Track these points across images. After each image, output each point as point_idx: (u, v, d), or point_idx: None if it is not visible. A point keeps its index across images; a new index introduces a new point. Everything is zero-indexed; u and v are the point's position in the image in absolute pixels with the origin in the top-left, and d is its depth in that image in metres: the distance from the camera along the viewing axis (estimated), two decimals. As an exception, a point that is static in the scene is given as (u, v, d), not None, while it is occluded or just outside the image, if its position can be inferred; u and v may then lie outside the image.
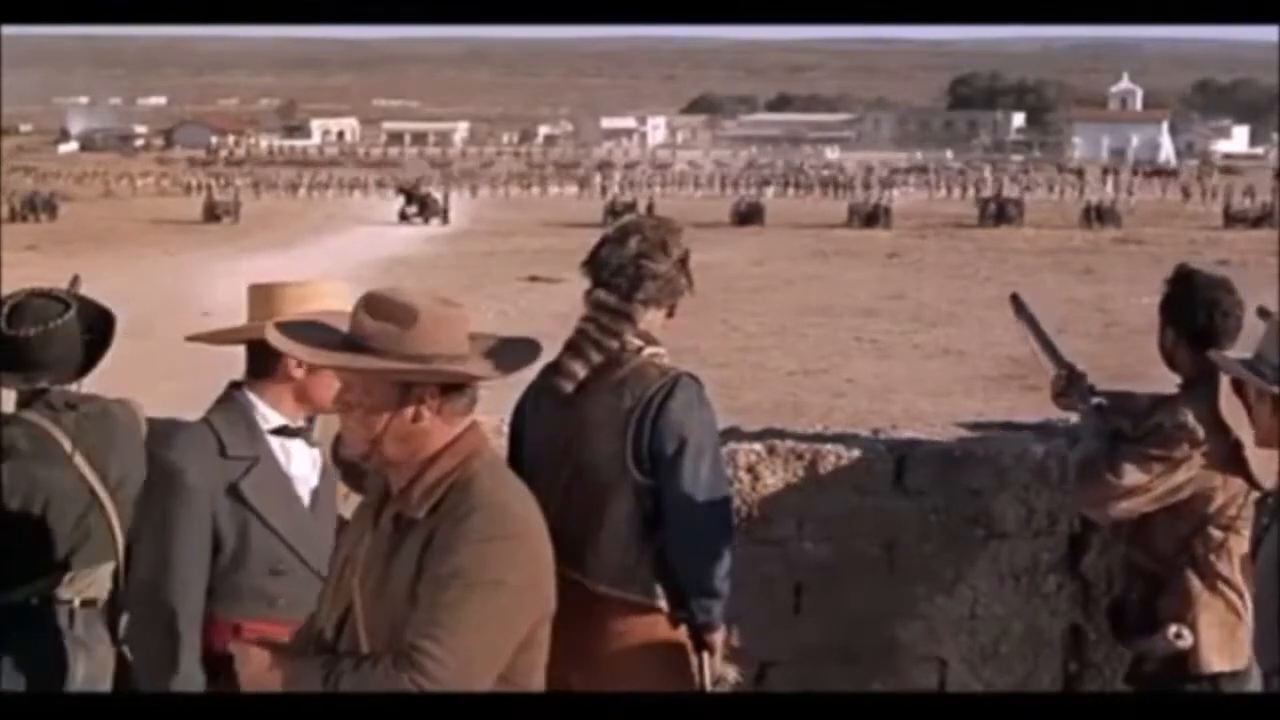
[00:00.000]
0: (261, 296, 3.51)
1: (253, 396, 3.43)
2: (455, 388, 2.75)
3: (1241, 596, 3.80)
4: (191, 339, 3.71)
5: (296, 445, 3.45)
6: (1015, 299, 4.32)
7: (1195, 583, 3.82)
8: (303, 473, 3.46)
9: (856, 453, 4.49)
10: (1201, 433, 3.75)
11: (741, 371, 20.80)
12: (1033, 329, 4.25)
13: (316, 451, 3.48)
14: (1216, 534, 3.81)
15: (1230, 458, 3.75)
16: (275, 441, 3.42)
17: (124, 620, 3.61)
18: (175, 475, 3.33)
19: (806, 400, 18.82)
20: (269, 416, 3.41)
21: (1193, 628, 3.80)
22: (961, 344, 22.19)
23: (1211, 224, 52.05)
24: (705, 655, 3.74)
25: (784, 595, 4.52)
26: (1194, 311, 3.88)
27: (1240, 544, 3.81)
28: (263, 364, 3.42)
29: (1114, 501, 3.78)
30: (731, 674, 3.90)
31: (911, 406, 17.02)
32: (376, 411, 2.73)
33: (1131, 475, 3.76)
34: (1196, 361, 3.86)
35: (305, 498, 3.46)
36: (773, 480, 4.46)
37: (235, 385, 3.48)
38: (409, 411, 2.73)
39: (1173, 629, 3.79)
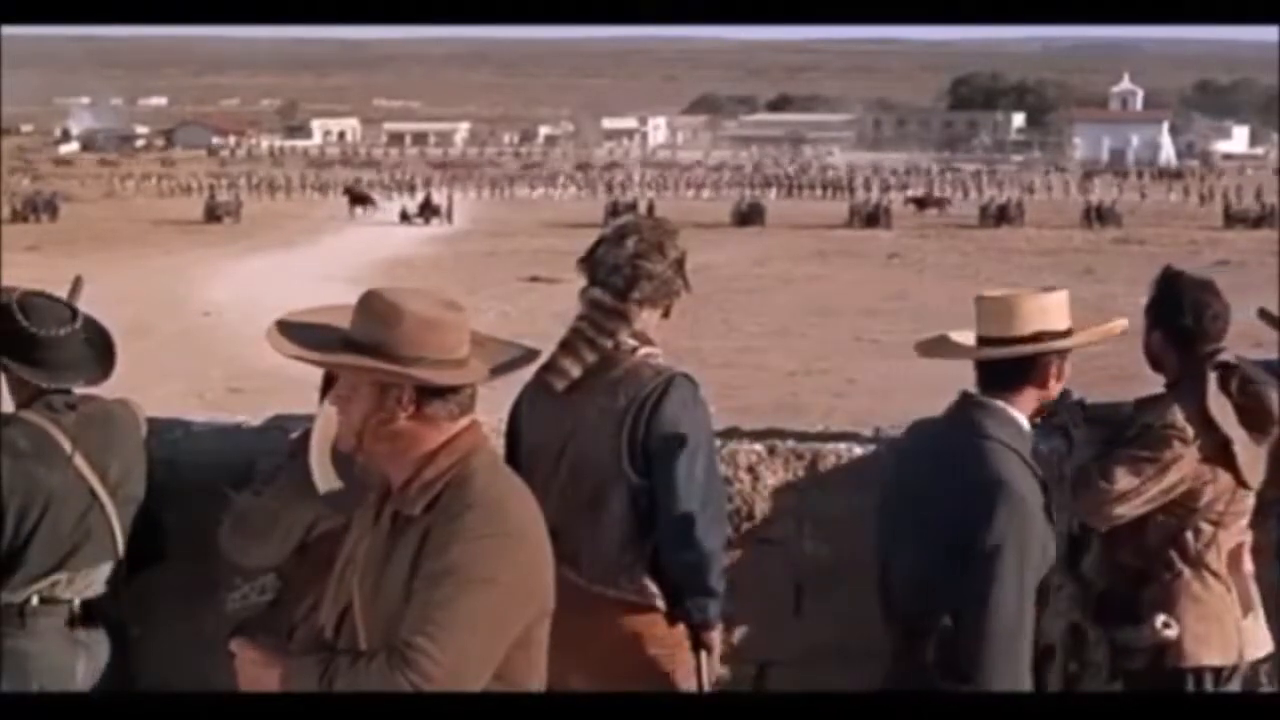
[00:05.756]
0: (998, 308, 3.46)
1: (1013, 411, 3.43)
2: (435, 392, 2.73)
3: (1230, 591, 3.82)
4: (923, 353, 3.70)
5: None
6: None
7: (1185, 574, 3.83)
8: None
9: (857, 452, 4.48)
10: (1191, 432, 3.77)
11: (741, 371, 20.84)
12: None
13: None
14: (1206, 528, 3.83)
15: (1219, 456, 3.77)
16: None
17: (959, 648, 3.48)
18: (1021, 501, 3.31)
19: (807, 400, 18.85)
20: (1026, 430, 3.43)
21: (1180, 620, 3.81)
22: (962, 344, 22.11)
23: (1212, 224, 52.11)
24: (703, 654, 3.74)
25: (784, 595, 4.52)
26: (1181, 313, 3.91)
27: (1228, 539, 3.83)
28: (1005, 375, 3.42)
29: (1109, 506, 3.79)
30: (723, 671, 3.90)
31: (912, 406, 17.02)
32: (359, 409, 2.75)
33: (1123, 480, 3.78)
34: (1183, 363, 3.91)
35: None
36: (773, 480, 4.46)
37: (969, 395, 3.48)
38: (384, 413, 2.73)
39: (1159, 619, 3.80)
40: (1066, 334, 3.44)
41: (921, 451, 3.55)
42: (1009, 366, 3.42)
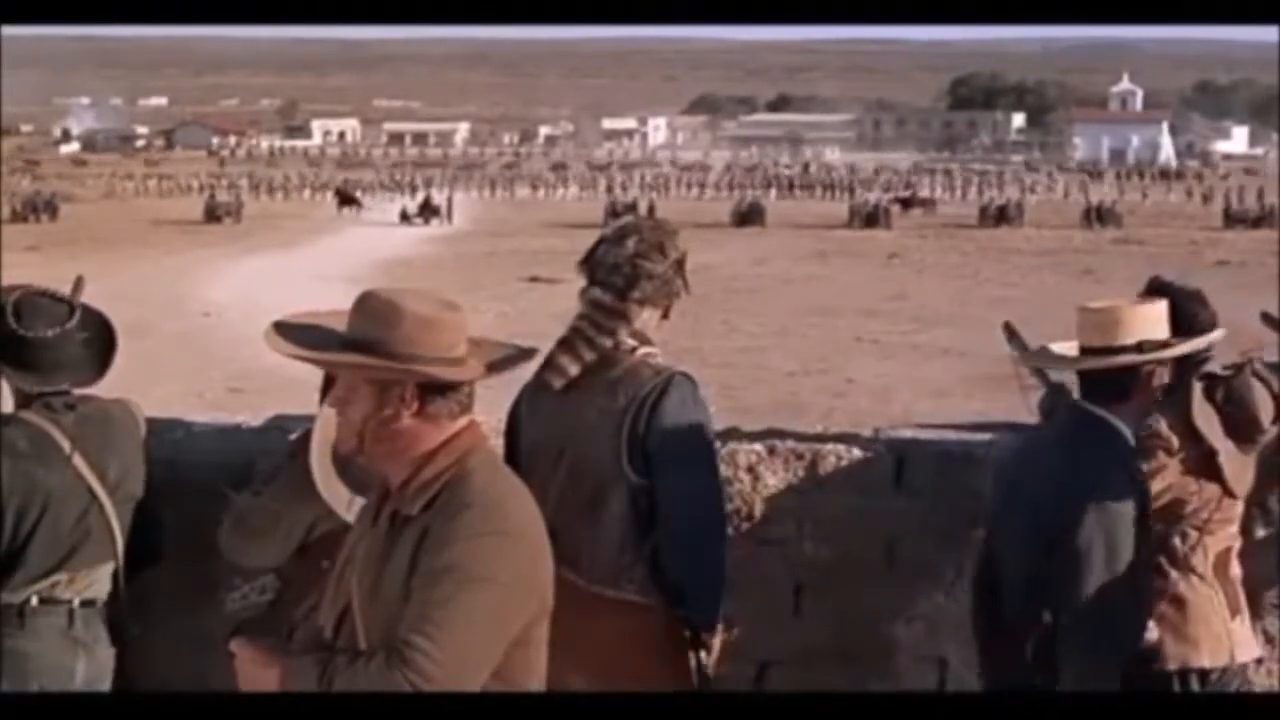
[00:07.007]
0: (1101, 319, 3.53)
1: (1117, 420, 3.50)
2: (437, 390, 2.74)
3: (1217, 593, 3.82)
4: (1026, 365, 3.76)
5: None
6: (1008, 327, 4.35)
7: (1171, 575, 3.83)
8: None
9: (856, 453, 4.48)
10: (1176, 441, 3.77)
11: (741, 371, 20.80)
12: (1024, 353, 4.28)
13: None
14: (1192, 533, 3.83)
15: (1204, 465, 3.77)
16: None
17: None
18: (1112, 508, 3.46)
19: (806, 400, 18.81)
20: (1130, 439, 3.52)
21: (1168, 623, 3.81)
22: (962, 344, 22.14)
23: (1211, 224, 52.08)
24: (702, 654, 3.74)
25: (784, 595, 4.52)
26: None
27: (1216, 543, 3.83)
28: (1111, 385, 3.50)
29: None
30: (723, 671, 3.89)
31: (911, 407, 17.02)
32: (359, 409, 2.75)
33: None
34: (1169, 373, 3.88)
35: None
36: (773, 480, 4.46)
37: (1076, 404, 3.55)
38: (387, 412, 2.73)
39: None
40: (1167, 343, 3.56)
41: (1028, 459, 3.72)
42: (1114, 376, 3.54)
